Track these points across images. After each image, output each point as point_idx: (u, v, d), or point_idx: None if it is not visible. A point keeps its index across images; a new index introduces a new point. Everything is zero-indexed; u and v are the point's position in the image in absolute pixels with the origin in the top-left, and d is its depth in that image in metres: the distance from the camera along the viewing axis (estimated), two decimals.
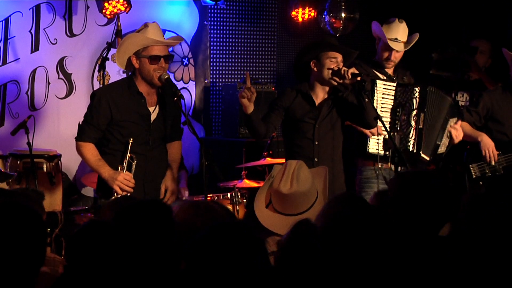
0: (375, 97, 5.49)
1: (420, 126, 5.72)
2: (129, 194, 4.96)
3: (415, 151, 5.73)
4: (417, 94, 5.73)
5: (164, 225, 3.06)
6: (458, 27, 8.36)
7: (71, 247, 2.84)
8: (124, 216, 3.08)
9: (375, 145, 5.58)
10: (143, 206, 3.17)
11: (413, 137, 5.72)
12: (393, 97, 5.68)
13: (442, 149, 5.91)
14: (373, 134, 5.56)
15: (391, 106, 5.69)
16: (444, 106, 5.86)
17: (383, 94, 5.66)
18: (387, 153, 5.54)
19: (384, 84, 5.67)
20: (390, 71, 5.85)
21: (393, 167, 5.58)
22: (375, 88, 5.53)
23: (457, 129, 5.90)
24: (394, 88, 5.71)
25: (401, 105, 5.65)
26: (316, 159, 5.24)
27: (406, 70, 5.98)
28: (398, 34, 5.78)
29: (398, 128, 5.67)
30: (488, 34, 7.67)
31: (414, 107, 5.72)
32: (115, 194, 4.96)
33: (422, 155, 5.75)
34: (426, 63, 7.23)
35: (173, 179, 5.22)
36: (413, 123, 5.72)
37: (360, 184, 5.76)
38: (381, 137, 5.56)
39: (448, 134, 5.91)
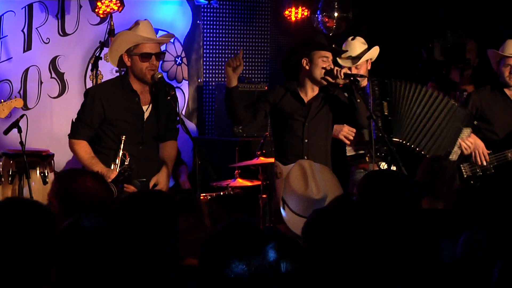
0: None
1: (386, 113, 5.74)
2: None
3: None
4: (375, 87, 5.79)
5: (167, 218, 3.06)
6: (444, 26, 8.38)
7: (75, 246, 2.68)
8: (126, 208, 3.08)
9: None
10: (146, 198, 3.15)
11: (379, 125, 5.64)
12: None
13: (453, 157, 5.90)
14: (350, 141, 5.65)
15: None
16: (420, 99, 5.87)
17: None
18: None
19: None
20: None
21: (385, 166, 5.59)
22: None
23: (469, 145, 5.92)
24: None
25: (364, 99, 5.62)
26: (305, 157, 5.20)
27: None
28: (351, 51, 5.87)
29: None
30: (475, 34, 7.69)
31: (376, 98, 5.77)
32: None
33: (394, 138, 5.71)
34: (415, 60, 7.26)
35: (166, 176, 5.15)
36: (378, 113, 5.74)
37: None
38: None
39: (459, 145, 5.91)
